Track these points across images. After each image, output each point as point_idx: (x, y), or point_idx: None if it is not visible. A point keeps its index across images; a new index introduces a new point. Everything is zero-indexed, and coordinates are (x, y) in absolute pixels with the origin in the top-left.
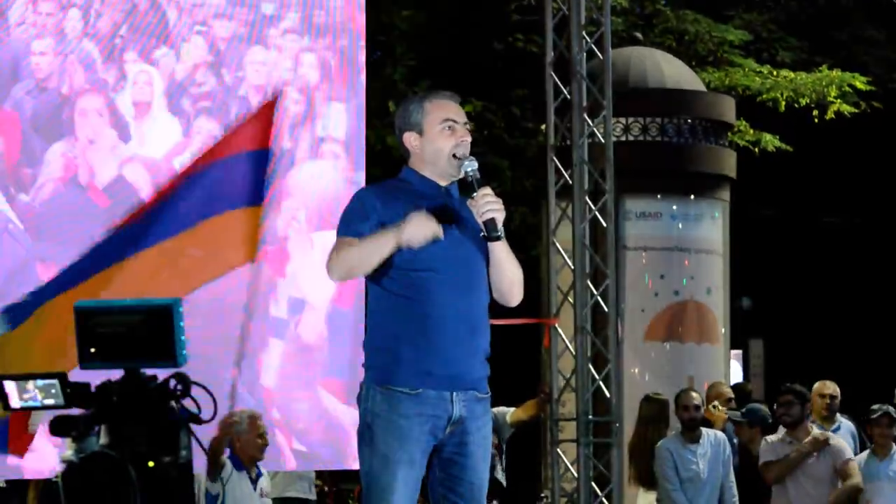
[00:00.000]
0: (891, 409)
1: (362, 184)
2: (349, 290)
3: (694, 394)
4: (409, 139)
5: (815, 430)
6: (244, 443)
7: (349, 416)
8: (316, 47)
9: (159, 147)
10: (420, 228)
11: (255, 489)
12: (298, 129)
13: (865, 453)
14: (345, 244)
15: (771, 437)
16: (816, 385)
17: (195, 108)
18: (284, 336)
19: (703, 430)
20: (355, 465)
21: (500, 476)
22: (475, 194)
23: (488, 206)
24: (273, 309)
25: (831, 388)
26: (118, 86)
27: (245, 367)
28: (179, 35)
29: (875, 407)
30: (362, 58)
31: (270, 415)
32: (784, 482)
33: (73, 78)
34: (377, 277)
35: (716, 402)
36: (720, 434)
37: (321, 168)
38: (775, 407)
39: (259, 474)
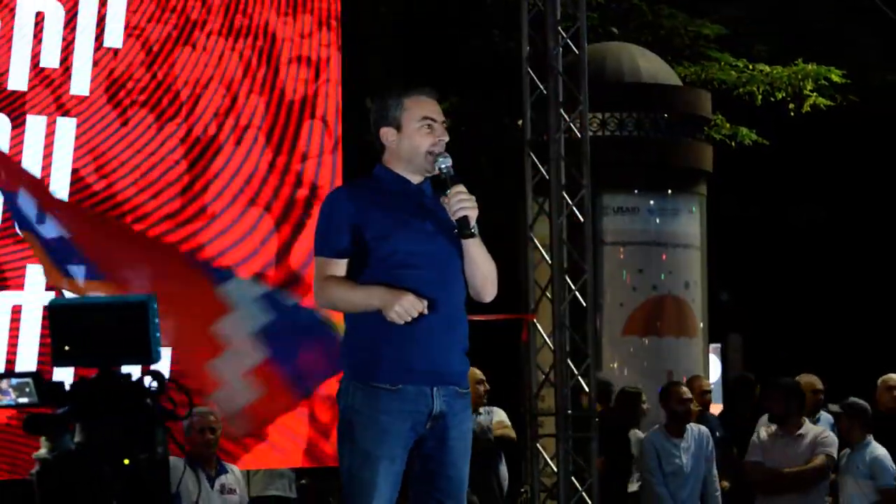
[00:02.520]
0: (856, 402)
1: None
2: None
3: (684, 388)
4: (386, 134)
5: (809, 426)
6: (189, 440)
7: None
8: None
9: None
10: (407, 312)
11: (212, 486)
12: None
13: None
14: (330, 276)
15: (761, 432)
16: (800, 378)
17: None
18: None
19: (688, 424)
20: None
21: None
22: (448, 192)
23: (461, 203)
24: None
25: (814, 381)
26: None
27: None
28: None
29: (847, 402)
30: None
31: None
32: (769, 493)
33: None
34: (354, 276)
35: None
36: (703, 428)
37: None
38: (763, 401)
39: (221, 470)
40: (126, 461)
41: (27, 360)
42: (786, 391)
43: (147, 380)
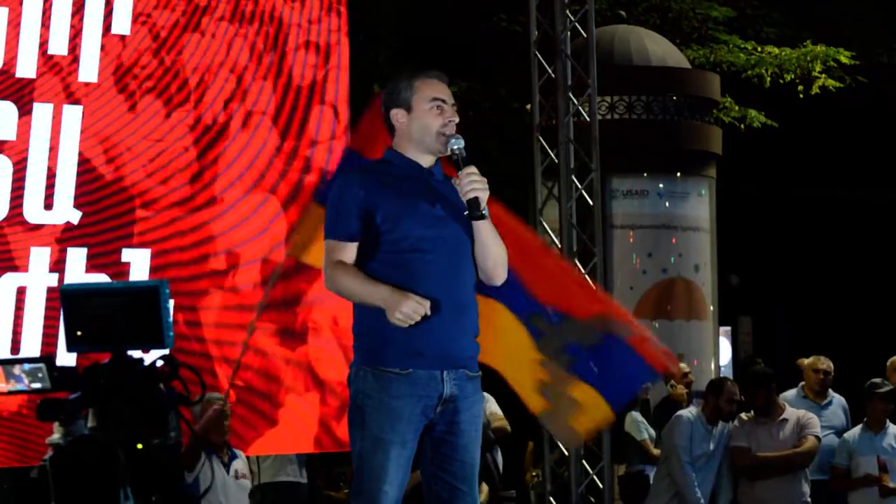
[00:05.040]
0: (890, 384)
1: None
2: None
3: (735, 387)
4: (397, 116)
5: (790, 410)
6: (202, 427)
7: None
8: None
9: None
10: (409, 318)
11: (227, 472)
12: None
13: (858, 428)
14: (339, 261)
15: (744, 416)
16: (810, 360)
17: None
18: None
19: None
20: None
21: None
22: (459, 173)
23: (472, 185)
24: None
25: (825, 363)
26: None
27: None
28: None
29: (877, 381)
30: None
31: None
32: (754, 478)
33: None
34: (364, 261)
35: (673, 381)
36: None
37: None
38: (742, 396)
39: (233, 456)
40: (139, 446)
41: (32, 340)
42: (764, 381)
43: (159, 364)
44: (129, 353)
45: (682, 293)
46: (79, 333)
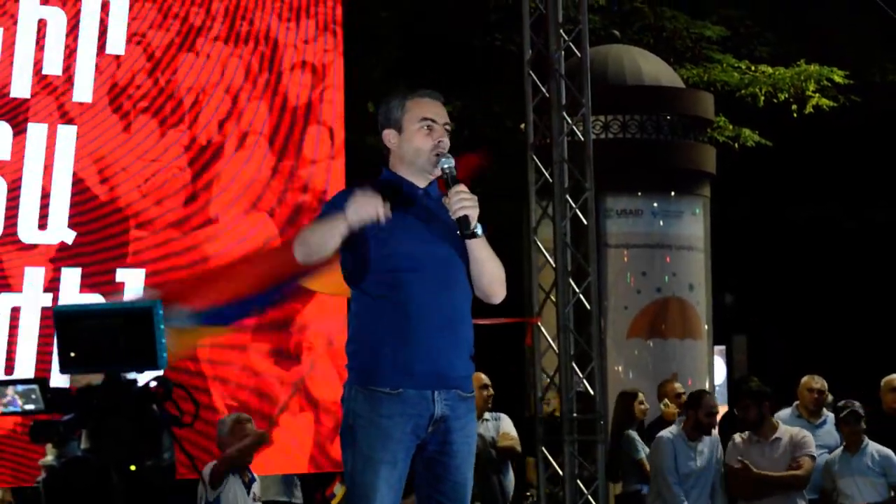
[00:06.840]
0: (857, 405)
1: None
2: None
3: (714, 400)
4: (388, 136)
5: (784, 427)
6: (228, 448)
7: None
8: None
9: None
10: (362, 208)
11: (248, 493)
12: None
13: (840, 449)
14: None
15: (737, 437)
16: (805, 379)
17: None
18: None
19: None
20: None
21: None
22: (449, 192)
23: (461, 203)
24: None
25: (819, 382)
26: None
27: None
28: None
29: (840, 404)
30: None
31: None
32: (750, 498)
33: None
34: (357, 280)
35: (666, 400)
36: (715, 433)
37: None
38: (735, 410)
39: (252, 479)
40: (132, 467)
41: (26, 361)
42: (756, 397)
43: (153, 385)
44: (123, 374)
45: (676, 312)
46: (72, 355)
